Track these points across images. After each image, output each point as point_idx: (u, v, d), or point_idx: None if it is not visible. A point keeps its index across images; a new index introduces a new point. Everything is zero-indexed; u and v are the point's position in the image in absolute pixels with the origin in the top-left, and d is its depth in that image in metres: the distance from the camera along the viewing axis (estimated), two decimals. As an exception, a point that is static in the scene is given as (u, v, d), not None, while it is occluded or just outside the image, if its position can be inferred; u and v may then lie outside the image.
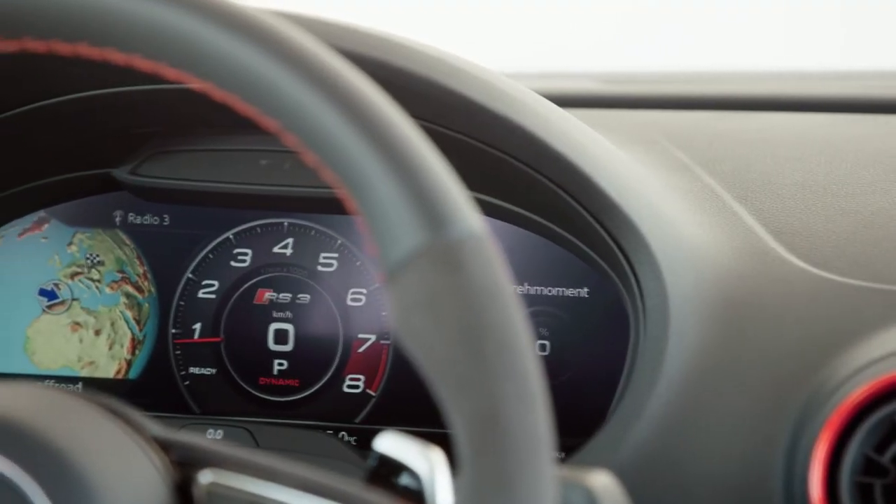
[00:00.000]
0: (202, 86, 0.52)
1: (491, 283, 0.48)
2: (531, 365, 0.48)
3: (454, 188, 0.50)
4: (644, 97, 1.26)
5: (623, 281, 0.81)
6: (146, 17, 0.50)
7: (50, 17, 0.51)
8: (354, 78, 0.50)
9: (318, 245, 0.97)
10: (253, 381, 0.98)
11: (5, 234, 1.00)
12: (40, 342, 1.00)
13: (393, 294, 0.49)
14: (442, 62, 0.79)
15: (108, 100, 0.88)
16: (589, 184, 0.78)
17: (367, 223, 0.50)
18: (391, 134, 0.49)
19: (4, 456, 0.48)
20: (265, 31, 0.50)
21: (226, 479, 0.53)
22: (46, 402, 0.52)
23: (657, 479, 0.71)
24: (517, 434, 0.46)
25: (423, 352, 0.49)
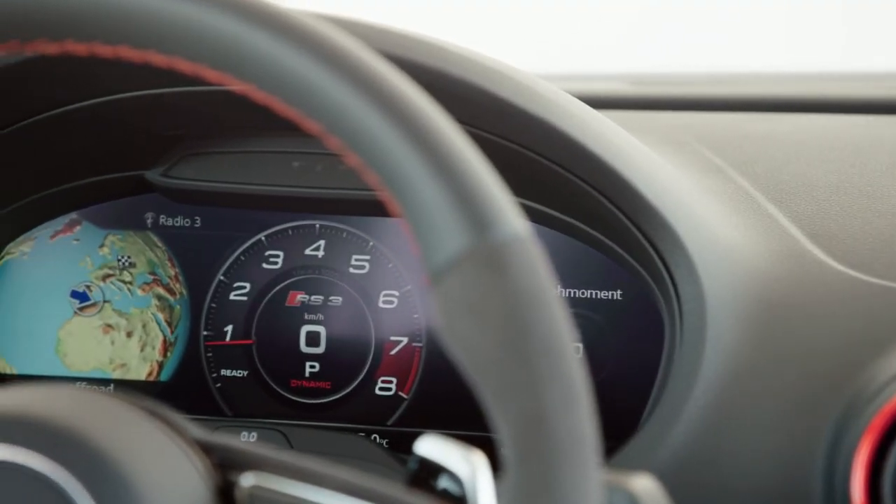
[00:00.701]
0: (243, 88, 0.52)
1: (535, 285, 0.48)
2: (576, 367, 0.48)
3: (498, 190, 0.49)
4: (673, 99, 1.26)
5: (658, 283, 0.81)
6: (188, 19, 0.50)
7: (91, 20, 0.51)
8: (397, 80, 0.50)
9: (350, 247, 0.97)
10: (284, 383, 0.98)
11: (37, 236, 1.00)
12: (72, 344, 1.00)
13: (437, 297, 0.49)
14: (478, 64, 0.79)
15: (141, 102, 0.88)
16: (626, 186, 0.78)
17: (411, 225, 0.50)
18: (435, 136, 0.49)
19: (50, 458, 0.48)
20: (309, 34, 0.50)
21: (268, 481, 0.53)
22: (89, 404, 0.52)
23: (695, 482, 0.71)
24: (563, 437, 0.46)
25: (466, 354, 0.48)
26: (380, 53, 0.52)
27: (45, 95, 0.88)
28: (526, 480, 0.46)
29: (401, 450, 0.94)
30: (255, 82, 0.51)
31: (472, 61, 0.79)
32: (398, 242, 0.97)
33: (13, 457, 0.48)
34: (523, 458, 0.46)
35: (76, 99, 0.88)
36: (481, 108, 0.78)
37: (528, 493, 0.46)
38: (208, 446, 0.54)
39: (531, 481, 0.46)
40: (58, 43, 0.53)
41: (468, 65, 0.78)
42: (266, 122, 0.91)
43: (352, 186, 0.91)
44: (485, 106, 0.78)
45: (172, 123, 0.92)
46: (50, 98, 0.88)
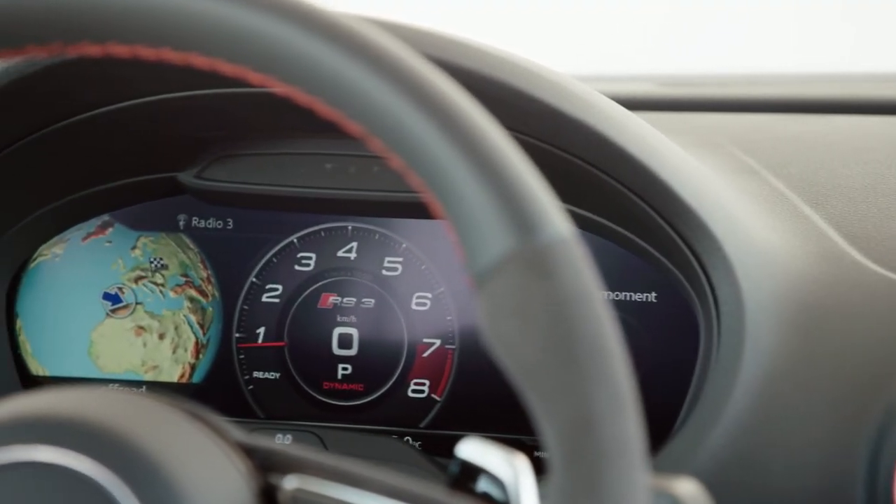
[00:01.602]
0: (285, 90, 0.52)
1: (581, 288, 0.48)
2: (623, 370, 0.47)
3: (543, 192, 0.49)
4: (704, 100, 1.25)
5: (695, 286, 0.80)
6: (232, 21, 0.50)
7: (136, 22, 0.51)
8: (441, 82, 0.50)
9: (383, 249, 0.97)
10: (317, 385, 0.98)
11: (70, 237, 1.00)
12: (104, 346, 1.00)
13: (481, 299, 0.49)
14: (517, 66, 0.78)
15: (174, 104, 0.89)
16: (663, 188, 0.77)
17: (455, 228, 0.49)
18: (480, 138, 0.49)
19: (95, 460, 0.48)
20: (354, 36, 0.49)
21: (311, 484, 0.53)
22: (132, 406, 0.52)
23: (734, 485, 0.71)
24: (610, 441, 0.46)
25: (511, 357, 0.48)
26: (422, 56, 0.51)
27: (79, 98, 0.88)
28: (572, 484, 0.46)
29: (434, 452, 0.94)
30: (298, 84, 0.51)
31: (510, 62, 0.78)
32: (431, 244, 0.96)
33: (58, 459, 0.48)
34: (569, 462, 0.46)
35: (109, 101, 0.88)
36: (519, 110, 0.77)
37: (574, 498, 0.46)
38: (250, 449, 0.54)
39: (577, 485, 0.46)
40: (101, 45, 0.53)
41: (507, 66, 0.78)
42: (299, 123, 0.92)
43: (385, 188, 0.91)
44: (522, 108, 0.77)
45: (205, 125, 0.92)
46: (83, 100, 0.88)
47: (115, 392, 0.53)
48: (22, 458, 0.48)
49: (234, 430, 0.55)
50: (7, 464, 0.48)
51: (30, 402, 0.50)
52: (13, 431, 0.48)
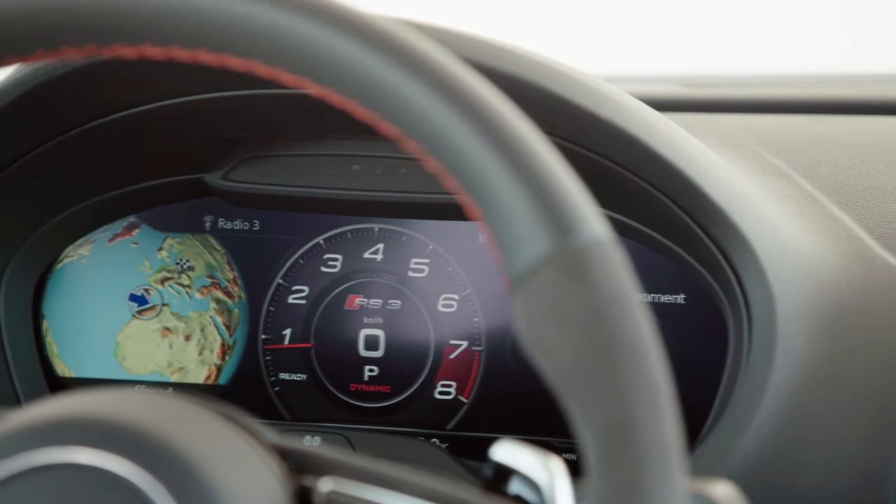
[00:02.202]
0: (319, 92, 0.51)
1: (619, 290, 0.48)
2: (661, 374, 0.47)
3: (580, 195, 0.49)
4: (729, 101, 1.25)
5: (724, 288, 0.80)
6: (268, 22, 0.50)
7: (170, 24, 0.51)
8: (478, 84, 0.50)
9: (409, 250, 0.97)
10: (343, 387, 0.98)
11: (96, 239, 1.00)
12: (130, 347, 1.00)
13: (518, 302, 0.49)
14: (546, 66, 0.78)
15: (201, 106, 0.89)
16: (694, 189, 0.77)
17: (491, 230, 0.49)
18: (517, 141, 0.49)
19: (132, 461, 0.48)
20: (390, 37, 0.49)
21: (346, 487, 0.52)
22: (168, 407, 0.52)
23: (767, 487, 0.70)
24: (649, 444, 0.46)
25: (549, 360, 0.48)
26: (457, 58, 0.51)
27: (106, 100, 0.88)
28: (611, 487, 0.46)
29: (461, 454, 0.93)
30: (333, 86, 0.51)
31: (540, 64, 0.78)
32: (458, 245, 0.96)
33: (96, 461, 0.48)
34: (608, 466, 0.46)
35: (137, 103, 0.88)
36: (548, 112, 0.77)
37: (613, 501, 0.46)
38: (284, 451, 0.54)
39: (616, 489, 0.46)
40: (135, 47, 0.53)
41: (537, 68, 0.78)
42: (326, 125, 0.92)
43: (412, 189, 0.91)
44: (552, 109, 0.77)
45: (232, 127, 0.92)
46: (111, 102, 0.88)
47: (152, 394, 0.53)
48: (60, 459, 0.48)
49: (267, 432, 0.55)
50: (46, 465, 0.48)
51: (68, 403, 0.50)
52: (52, 433, 0.48)
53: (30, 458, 0.48)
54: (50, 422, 0.49)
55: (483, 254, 0.96)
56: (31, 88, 0.83)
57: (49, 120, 0.88)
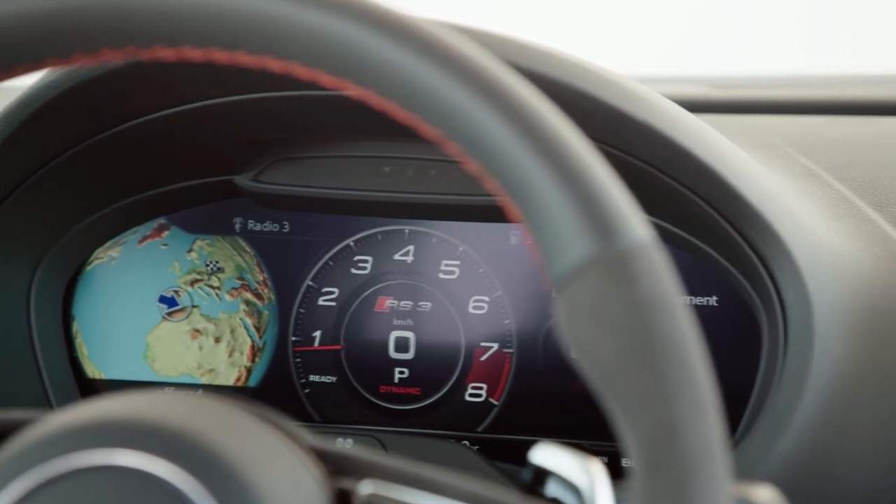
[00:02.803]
0: (360, 93, 0.51)
1: (662, 292, 0.47)
2: (705, 375, 0.47)
3: (622, 197, 0.49)
4: (758, 102, 1.24)
5: (759, 289, 0.80)
6: (308, 24, 0.50)
7: (210, 26, 0.51)
8: (519, 86, 0.49)
9: (440, 252, 0.97)
10: (373, 389, 0.97)
11: (126, 240, 1.00)
12: (160, 349, 1.00)
13: (561, 303, 0.48)
14: (581, 68, 0.78)
15: (232, 108, 0.88)
16: (730, 191, 0.76)
17: (534, 232, 0.49)
18: (559, 142, 0.48)
19: (174, 463, 0.48)
20: (431, 39, 0.49)
21: (386, 489, 0.52)
22: (208, 410, 0.52)
23: (804, 491, 0.70)
24: (694, 448, 0.45)
25: (592, 362, 0.48)
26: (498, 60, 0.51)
27: (137, 102, 0.88)
28: (654, 491, 0.46)
29: (492, 456, 0.93)
30: (374, 87, 0.50)
31: (575, 65, 0.78)
32: (488, 247, 0.96)
33: (138, 463, 0.48)
34: (652, 469, 0.46)
35: (168, 105, 0.88)
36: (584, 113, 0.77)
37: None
38: (323, 453, 0.54)
39: (660, 492, 0.45)
40: (175, 49, 0.52)
41: (572, 69, 0.77)
42: (357, 126, 0.91)
43: (443, 191, 0.91)
44: (587, 110, 0.77)
45: (263, 128, 0.92)
46: (142, 104, 0.88)
47: (192, 396, 0.53)
48: (102, 462, 0.48)
49: (305, 435, 0.54)
50: (88, 467, 0.48)
51: (109, 406, 0.50)
52: (93, 435, 0.48)
53: (71, 461, 0.48)
54: (91, 424, 0.49)
55: (514, 256, 0.96)
56: (65, 91, 0.83)
57: (81, 122, 0.88)
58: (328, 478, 0.53)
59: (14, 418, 0.53)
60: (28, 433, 0.50)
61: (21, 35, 0.52)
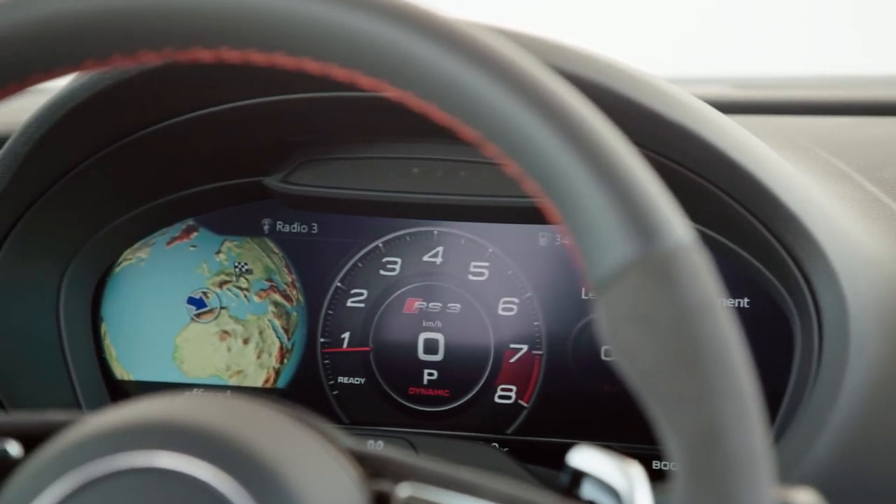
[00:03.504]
0: (399, 95, 0.51)
1: (705, 294, 0.47)
2: (748, 378, 0.47)
3: (663, 198, 0.48)
4: (783, 102, 1.24)
5: (792, 292, 0.79)
6: (348, 25, 0.50)
7: (249, 27, 0.51)
8: (560, 88, 0.49)
9: (469, 253, 0.97)
10: (402, 391, 0.97)
11: (154, 242, 1.01)
12: (189, 351, 1.00)
13: (602, 306, 0.48)
14: (616, 69, 0.77)
15: (263, 108, 0.89)
16: (765, 192, 0.76)
17: (574, 234, 0.49)
18: (600, 144, 0.48)
19: (214, 465, 0.48)
20: (472, 41, 0.49)
21: (424, 492, 0.52)
22: (247, 412, 0.52)
23: (840, 492, 0.70)
24: (738, 451, 0.45)
25: (634, 365, 0.47)
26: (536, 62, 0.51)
27: (169, 103, 0.88)
28: (697, 494, 0.45)
29: (522, 458, 0.93)
30: (413, 89, 0.50)
31: (610, 66, 0.78)
32: (518, 249, 0.96)
33: (178, 465, 0.48)
34: (696, 473, 0.45)
35: (199, 106, 0.88)
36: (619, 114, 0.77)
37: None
38: (361, 456, 0.54)
39: (703, 496, 0.45)
40: (213, 51, 0.52)
41: (607, 70, 0.77)
42: (386, 127, 0.91)
43: (472, 192, 0.91)
44: (622, 111, 0.77)
45: (293, 129, 0.92)
46: (173, 105, 0.88)
47: (232, 399, 0.53)
48: (142, 463, 0.48)
49: (342, 437, 0.54)
50: (129, 469, 0.48)
51: (149, 407, 0.50)
52: (134, 437, 0.48)
53: (113, 463, 0.48)
54: (133, 426, 0.49)
55: (543, 257, 0.95)
56: (96, 93, 0.83)
57: (111, 124, 0.88)
58: (366, 480, 0.53)
59: (53, 420, 0.53)
60: (68, 435, 0.50)
61: (60, 37, 0.52)
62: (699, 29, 1.79)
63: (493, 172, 0.90)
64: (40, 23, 0.51)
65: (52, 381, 0.96)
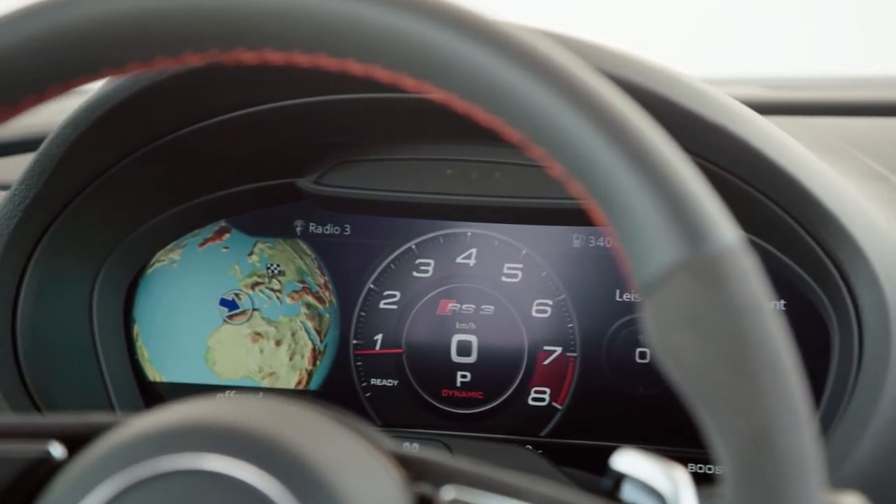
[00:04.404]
0: (442, 97, 0.51)
1: (754, 297, 0.47)
2: (798, 381, 0.46)
3: (711, 200, 0.48)
4: (813, 103, 1.23)
5: (831, 294, 0.79)
6: (393, 27, 0.49)
7: (293, 29, 0.51)
8: (605, 89, 0.49)
9: (502, 255, 0.96)
10: (435, 392, 0.97)
11: (187, 243, 1.01)
12: (221, 352, 1.00)
13: (649, 309, 0.48)
14: (655, 70, 0.77)
15: (296, 110, 0.88)
16: (805, 194, 0.76)
17: (620, 235, 0.49)
18: (646, 146, 0.48)
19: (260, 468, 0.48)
20: (517, 43, 0.49)
21: (468, 495, 0.52)
22: (290, 415, 0.52)
23: (882, 498, 0.69)
24: (789, 456, 0.45)
25: (681, 368, 0.47)
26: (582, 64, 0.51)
27: (204, 104, 0.88)
28: (749, 499, 0.45)
29: (555, 461, 0.93)
30: (457, 91, 0.50)
31: (650, 68, 0.77)
32: (551, 250, 0.95)
33: (224, 468, 0.48)
34: (746, 477, 0.45)
35: (234, 107, 0.88)
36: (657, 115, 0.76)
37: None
38: (404, 458, 0.53)
39: (754, 501, 0.45)
40: (256, 52, 0.52)
41: (647, 72, 0.77)
42: (420, 129, 0.91)
43: (506, 194, 0.91)
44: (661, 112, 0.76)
45: (327, 131, 0.92)
46: (208, 107, 0.88)
47: (277, 401, 0.53)
48: (188, 466, 0.48)
49: (384, 439, 0.54)
50: (175, 471, 0.48)
51: (196, 409, 0.50)
52: (180, 439, 0.48)
53: (159, 464, 0.48)
54: (178, 428, 0.49)
55: (577, 259, 0.95)
56: (132, 94, 0.83)
57: (147, 126, 0.88)
58: (409, 483, 0.53)
59: (98, 421, 0.53)
60: (113, 436, 0.50)
61: (105, 39, 0.52)
62: (699, 29, 1.78)
63: (527, 174, 0.90)
64: (85, 25, 0.51)
65: (84, 381, 0.96)
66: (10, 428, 0.55)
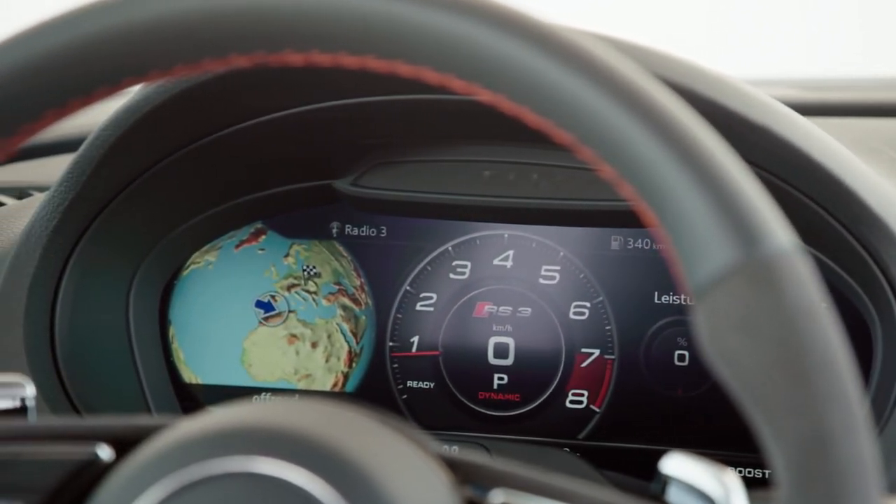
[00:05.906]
0: (491, 98, 0.51)
1: (809, 301, 0.46)
2: (854, 385, 0.46)
3: (764, 202, 0.48)
4: (852, 104, 1.22)
5: (874, 297, 0.78)
6: (443, 29, 0.49)
7: (341, 31, 0.51)
8: (654, 89, 0.49)
9: (540, 257, 0.96)
10: (472, 395, 0.97)
11: (223, 245, 1.01)
12: (257, 354, 1.00)
13: (702, 313, 0.47)
14: (699, 71, 0.77)
15: (333, 112, 0.88)
16: (851, 196, 0.75)
17: (671, 238, 0.48)
18: (699, 147, 0.47)
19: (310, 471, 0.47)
20: (566, 44, 0.48)
21: (517, 499, 0.52)
22: (338, 417, 0.52)
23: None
24: (847, 461, 0.44)
25: (735, 372, 0.47)
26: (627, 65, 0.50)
27: (241, 107, 0.88)
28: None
29: (594, 464, 0.92)
30: (506, 93, 0.50)
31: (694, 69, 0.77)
32: (589, 252, 0.95)
33: (275, 471, 0.48)
34: (803, 482, 0.45)
35: (272, 109, 0.88)
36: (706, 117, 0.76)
37: (808, 519, 0.44)
38: (452, 462, 0.53)
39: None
40: (303, 54, 0.52)
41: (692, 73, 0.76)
42: (458, 130, 0.91)
43: (543, 196, 0.90)
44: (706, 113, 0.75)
45: (365, 133, 0.92)
46: (245, 110, 0.88)
47: (325, 404, 0.53)
48: (239, 469, 0.48)
49: (431, 442, 0.54)
50: (225, 474, 0.48)
51: (246, 412, 0.50)
52: (231, 442, 0.48)
53: (209, 467, 0.48)
54: (228, 430, 0.49)
55: (615, 261, 0.95)
56: (171, 97, 0.83)
57: (185, 128, 0.88)
58: (457, 486, 0.52)
59: (146, 424, 0.53)
60: (162, 439, 0.50)
61: (153, 42, 0.51)
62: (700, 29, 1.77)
63: (565, 176, 0.90)
64: (133, 28, 0.51)
65: (121, 383, 0.96)
66: (57, 430, 0.55)
